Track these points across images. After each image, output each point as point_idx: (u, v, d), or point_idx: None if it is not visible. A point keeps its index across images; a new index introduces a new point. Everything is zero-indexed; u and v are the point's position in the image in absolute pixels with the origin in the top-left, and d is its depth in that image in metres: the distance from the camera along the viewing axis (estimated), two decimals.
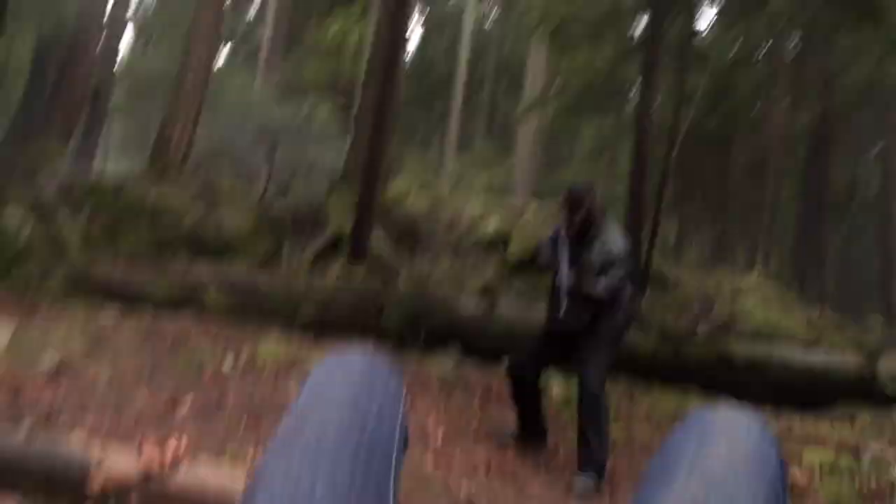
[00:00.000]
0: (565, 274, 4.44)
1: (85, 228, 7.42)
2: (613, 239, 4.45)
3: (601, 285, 4.37)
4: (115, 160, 25.41)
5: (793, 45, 16.47)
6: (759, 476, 0.91)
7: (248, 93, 19.54)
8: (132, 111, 24.04)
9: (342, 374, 0.98)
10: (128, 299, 6.31)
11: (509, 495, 3.83)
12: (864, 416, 6.77)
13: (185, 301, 6.43)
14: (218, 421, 3.80)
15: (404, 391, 1.03)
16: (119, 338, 4.99)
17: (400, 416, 0.98)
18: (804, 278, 16.66)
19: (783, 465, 0.97)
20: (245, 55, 29.65)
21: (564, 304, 4.42)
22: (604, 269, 4.40)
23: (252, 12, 31.27)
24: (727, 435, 0.95)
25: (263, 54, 23.31)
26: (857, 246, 24.00)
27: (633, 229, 9.09)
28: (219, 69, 18.75)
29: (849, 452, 5.08)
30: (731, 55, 14.62)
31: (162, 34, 24.68)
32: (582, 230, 4.46)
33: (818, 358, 7.25)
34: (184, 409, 3.91)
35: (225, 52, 29.45)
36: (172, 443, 2.78)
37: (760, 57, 15.99)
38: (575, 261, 4.46)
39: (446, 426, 4.64)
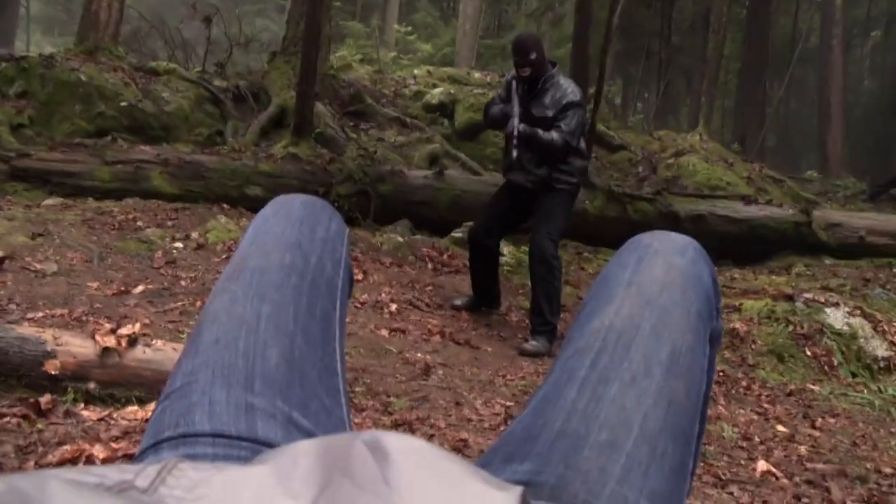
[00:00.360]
0: (517, 125, 4.33)
1: (13, 114, 7.10)
2: (566, 87, 4.39)
3: (556, 134, 4.31)
4: (37, 42, 24.00)
5: None
6: (693, 292, 0.95)
7: None
8: None
9: (283, 218, 0.99)
10: (69, 187, 6.14)
11: (464, 359, 3.94)
12: (799, 265, 7.06)
13: (128, 186, 6.29)
14: (171, 305, 3.79)
15: (346, 231, 1.04)
16: (63, 227, 4.88)
17: (343, 254, 1.00)
18: (745, 134, 16.87)
19: (715, 283, 1.01)
20: None
21: (515, 154, 4.34)
22: (557, 117, 4.34)
23: None
24: (663, 256, 0.97)
25: None
26: (797, 99, 24.27)
27: None
28: None
29: (784, 300, 5.30)
30: None
31: None
32: (533, 78, 4.40)
33: (757, 212, 7.46)
34: (135, 295, 3.88)
35: None
36: (127, 326, 2.78)
37: None
38: (528, 112, 4.39)
39: (400, 298, 4.71)
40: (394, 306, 4.52)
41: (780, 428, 3.37)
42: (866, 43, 25.63)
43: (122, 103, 7.68)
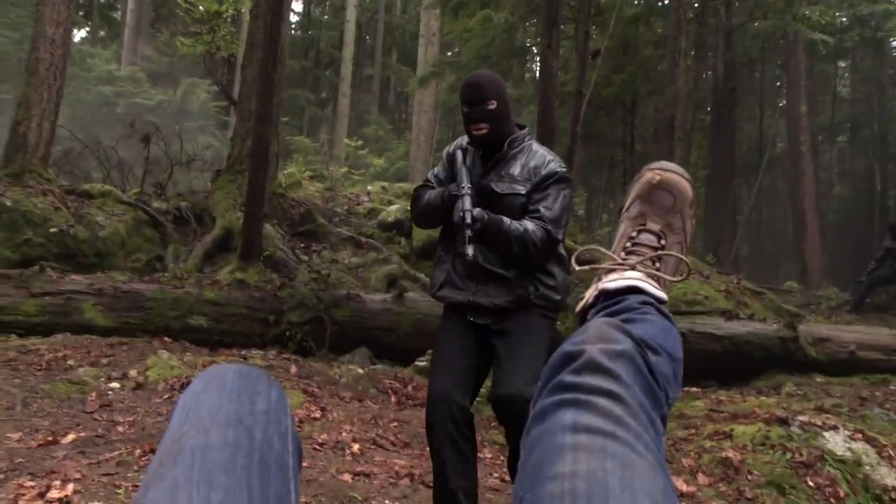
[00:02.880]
0: (468, 207, 2.79)
1: None
2: (544, 154, 3.09)
3: (533, 225, 2.93)
4: None
5: (694, 2, 16.98)
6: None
7: (113, 78, 18.85)
8: None
9: (216, 391, 0.95)
10: None
11: None
12: (789, 384, 7.09)
13: (57, 320, 6.14)
14: (106, 455, 3.62)
15: (287, 400, 0.99)
16: None
17: (289, 426, 0.96)
18: (718, 245, 17.27)
19: (649, 360, 1.03)
20: (105, 33, 28.52)
21: (471, 253, 2.70)
22: (533, 196, 3.02)
23: None
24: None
25: (126, 32, 22.47)
26: (768, 207, 25.07)
27: None
28: (77, 50, 17.98)
29: (778, 424, 5.27)
30: (631, 12, 14.97)
31: (1, 9, 23.34)
32: (492, 141, 3.06)
33: (740, 327, 7.53)
34: (65, 446, 3.71)
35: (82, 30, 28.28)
36: (56, 486, 2.64)
37: (662, 12, 16.48)
38: (485, 190, 3.02)
39: (363, 436, 4.59)
40: (356, 446, 4.39)
41: None
42: (833, 148, 26.80)
43: (52, 229, 7.61)
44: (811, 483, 4.64)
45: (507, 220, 2.90)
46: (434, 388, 2.95)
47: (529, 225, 2.92)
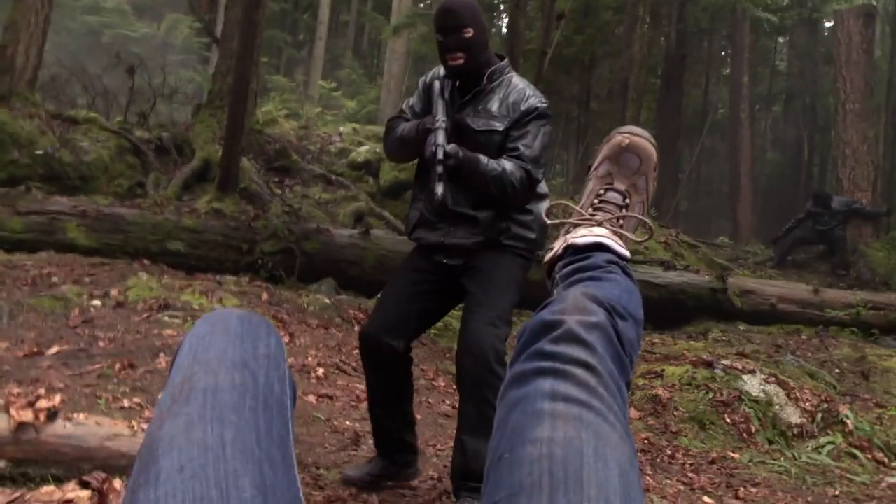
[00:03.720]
0: (441, 142, 2.50)
1: None
2: (524, 88, 2.74)
3: (511, 164, 2.60)
4: None
5: None
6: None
7: (99, 9, 18.20)
8: None
9: (222, 334, 0.95)
10: None
11: None
12: (716, 331, 7.26)
13: (42, 238, 6.03)
14: (88, 367, 3.60)
15: (284, 346, 1.01)
16: None
17: (286, 371, 0.97)
18: (661, 198, 17.43)
19: (617, 324, 1.06)
20: None
21: (440, 193, 2.43)
22: (510, 133, 2.67)
23: None
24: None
25: None
26: (707, 167, 25.32)
27: None
28: None
29: (703, 366, 5.41)
30: None
31: None
32: (469, 71, 2.69)
33: (675, 277, 7.66)
34: (49, 357, 3.68)
35: None
36: (45, 397, 2.61)
37: None
38: (461, 125, 2.67)
39: (327, 361, 4.61)
40: (321, 370, 4.41)
41: (706, 499, 3.39)
42: (768, 117, 27.04)
43: (38, 151, 7.42)
44: (728, 420, 4.80)
45: (484, 158, 2.57)
46: (366, 327, 2.79)
47: (508, 164, 2.59)
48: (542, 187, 2.81)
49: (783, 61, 26.55)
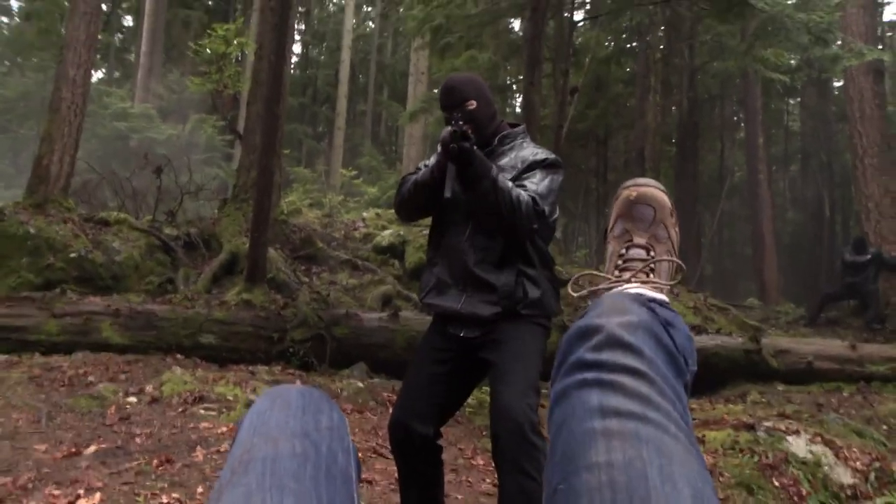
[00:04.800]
0: (460, 124, 2.37)
1: None
2: (535, 148, 2.74)
3: (520, 190, 2.50)
4: None
5: (661, 44, 17.19)
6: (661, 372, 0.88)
7: (127, 114, 18.80)
8: None
9: (282, 408, 0.94)
10: (14, 342, 5.91)
11: None
12: (754, 393, 7.10)
13: (77, 339, 6.08)
14: (126, 465, 3.57)
15: (347, 421, 0.98)
16: (8, 385, 4.65)
17: (351, 444, 0.96)
18: (685, 264, 17.35)
19: (670, 329, 0.97)
20: (120, 74, 28.52)
21: (450, 191, 2.33)
22: (519, 178, 2.63)
23: (126, 24, 30.01)
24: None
25: (140, 72, 22.44)
26: (728, 230, 25.24)
27: None
28: (94, 89, 17.95)
29: (745, 429, 5.27)
30: (604, 52, 15.12)
31: (27, 52, 23.25)
32: (478, 139, 2.54)
33: (708, 341, 7.54)
34: (87, 457, 3.66)
35: (99, 71, 28.25)
36: (80, 495, 2.59)
37: (632, 53, 16.68)
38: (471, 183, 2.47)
39: (364, 445, 4.55)
40: (359, 455, 4.34)
41: None
42: (786, 177, 27.06)
43: (72, 254, 7.55)
44: (777, 483, 4.64)
45: (496, 169, 2.47)
46: (393, 416, 2.65)
47: (516, 188, 2.49)
48: (549, 254, 2.74)
49: (795, 122, 26.73)
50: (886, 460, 4.80)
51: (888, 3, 44.20)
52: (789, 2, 9.24)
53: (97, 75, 27.36)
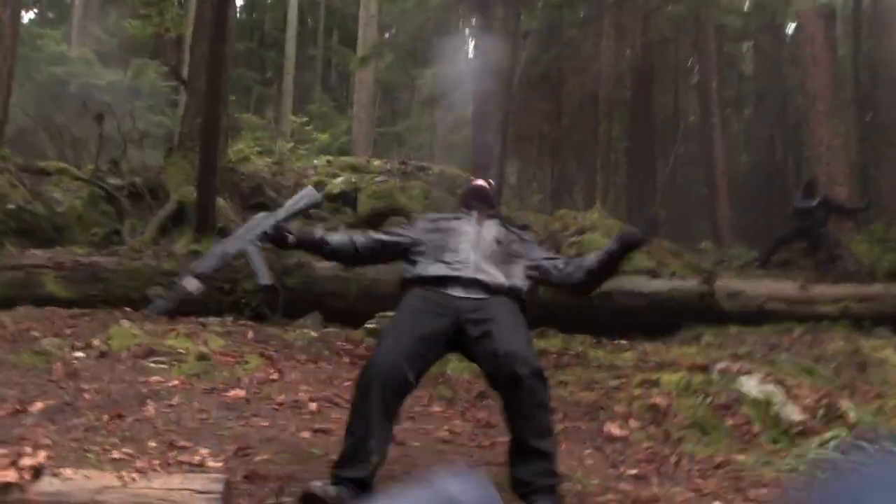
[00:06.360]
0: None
1: None
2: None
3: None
4: None
5: None
6: None
7: (65, 58, 18.14)
8: None
9: None
10: None
11: (392, 457, 3.77)
12: (708, 335, 7.24)
13: (19, 293, 5.92)
14: (74, 421, 3.51)
15: None
16: None
17: None
18: (639, 209, 17.52)
19: None
20: (55, 15, 27.40)
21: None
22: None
23: None
24: None
25: (76, 14, 21.62)
26: (682, 173, 25.51)
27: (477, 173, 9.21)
28: (26, 31, 17.23)
29: (699, 371, 5.38)
30: None
31: None
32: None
33: (662, 285, 7.65)
34: (33, 414, 3.58)
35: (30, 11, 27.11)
36: (29, 455, 2.53)
37: None
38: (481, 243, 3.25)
39: (319, 396, 4.54)
40: (313, 405, 4.33)
41: None
42: (739, 119, 27.34)
43: (9, 206, 7.32)
44: (730, 422, 4.76)
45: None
46: (383, 355, 2.79)
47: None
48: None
49: (749, 65, 26.91)
50: (834, 396, 4.94)
51: None
52: None
53: (28, 16, 26.25)
